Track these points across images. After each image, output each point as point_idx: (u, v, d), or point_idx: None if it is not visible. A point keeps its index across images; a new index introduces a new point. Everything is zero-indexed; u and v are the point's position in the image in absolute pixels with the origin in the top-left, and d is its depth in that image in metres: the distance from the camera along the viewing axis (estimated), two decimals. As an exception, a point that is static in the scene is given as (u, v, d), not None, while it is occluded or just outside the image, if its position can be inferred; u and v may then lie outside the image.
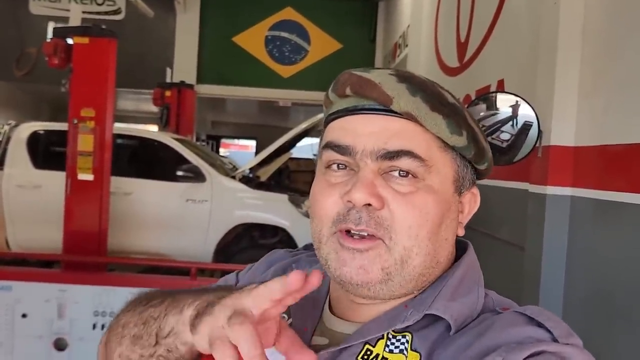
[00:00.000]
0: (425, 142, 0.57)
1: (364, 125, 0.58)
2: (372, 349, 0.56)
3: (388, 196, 0.56)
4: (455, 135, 0.57)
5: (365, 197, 0.55)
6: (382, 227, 0.55)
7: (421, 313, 0.56)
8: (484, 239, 2.98)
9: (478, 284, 0.61)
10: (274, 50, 9.27)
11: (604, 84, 1.97)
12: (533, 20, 2.54)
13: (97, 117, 3.45)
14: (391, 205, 0.56)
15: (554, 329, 0.52)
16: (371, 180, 0.56)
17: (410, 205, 0.55)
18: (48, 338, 2.85)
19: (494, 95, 2.39)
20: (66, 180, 3.48)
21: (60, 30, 3.71)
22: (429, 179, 0.57)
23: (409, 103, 0.56)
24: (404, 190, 0.56)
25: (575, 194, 2.10)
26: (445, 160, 0.59)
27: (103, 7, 9.17)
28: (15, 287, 2.86)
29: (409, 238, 0.55)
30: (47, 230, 4.23)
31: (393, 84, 0.57)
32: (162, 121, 7.58)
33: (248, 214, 4.99)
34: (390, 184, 0.56)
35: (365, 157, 0.57)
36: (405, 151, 0.56)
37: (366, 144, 0.57)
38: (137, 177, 4.97)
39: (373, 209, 0.55)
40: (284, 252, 0.78)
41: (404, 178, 0.56)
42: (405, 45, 6.33)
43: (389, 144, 0.56)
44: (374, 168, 0.57)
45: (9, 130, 5.06)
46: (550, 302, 2.13)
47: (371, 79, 0.57)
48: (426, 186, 0.57)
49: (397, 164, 0.56)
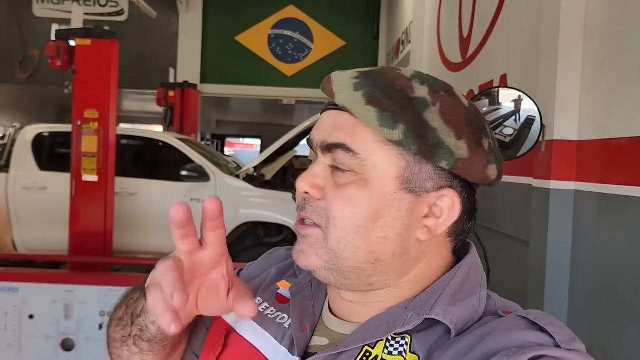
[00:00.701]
0: (362, 136, 0.56)
1: (324, 120, 0.61)
2: (371, 350, 0.56)
3: (327, 188, 0.58)
4: (387, 128, 0.55)
5: (304, 186, 0.59)
6: (319, 215, 0.58)
7: (421, 317, 0.55)
8: (489, 234, 2.97)
9: (480, 286, 0.60)
10: (277, 48, 9.28)
11: (606, 78, 1.96)
12: (535, 15, 2.53)
13: (101, 118, 3.47)
14: (327, 197, 0.58)
15: (556, 334, 0.51)
16: (317, 172, 0.59)
17: (340, 198, 0.57)
18: (55, 338, 2.87)
19: (497, 91, 2.39)
20: (71, 181, 3.50)
21: (62, 32, 3.72)
22: (366, 173, 0.56)
23: (345, 97, 0.57)
24: (340, 183, 0.57)
25: (579, 188, 2.09)
26: (385, 155, 0.56)
27: (106, 9, 9.20)
28: (22, 289, 2.88)
29: (337, 229, 0.57)
30: (53, 232, 4.26)
31: (345, 80, 0.58)
32: (166, 121, 7.60)
33: (253, 212, 5.00)
34: (334, 177, 0.58)
35: (318, 150, 0.60)
36: (339, 144, 0.57)
37: (318, 138, 0.60)
38: (142, 177, 4.99)
39: (313, 199, 0.58)
40: (285, 251, 0.78)
41: (345, 172, 0.57)
42: (409, 42, 6.32)
43: (330, 137, 0.58)
44: (325, 161, 0.59)
45: (14, 132, 5.08)
46: (556, 296, 2.13)
47: (332, 76, 0.60)
48: (361, 180, 0.56)
49: (335, 157, 0.58)
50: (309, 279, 0.67)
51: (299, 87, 9.07)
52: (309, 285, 0.67)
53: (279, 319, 0.65)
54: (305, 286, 0.67)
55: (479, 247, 0.69)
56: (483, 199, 0.63)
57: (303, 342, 0.60)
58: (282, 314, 0.66)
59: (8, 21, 9.03)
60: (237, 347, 0.65)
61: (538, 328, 0.52)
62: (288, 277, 0.71)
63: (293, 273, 0.71)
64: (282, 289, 0.69)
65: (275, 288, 0.70)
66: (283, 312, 0.66)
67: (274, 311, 0.67)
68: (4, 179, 4.79)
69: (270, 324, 0.65)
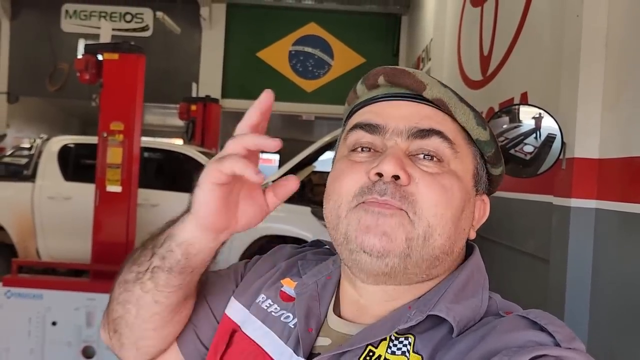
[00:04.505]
0: (452, 130, 0.59)
1: (395, 109, 0.59)
2: (375, 350, 0.56)
3: (415, 174, 0.56)
4: (481, 127, 0.59)
5: (394, 169, 0.54)
6: (407, 200, 0.55)
7: (424, 314, 0.55)
8: (509, 252, 2.95)
9: (483, 287, 0.60)
10: (297, 64, 9.38)
11: (628, 95, 1.96)
12: (556, 33, 2.54)
13: (126, 130, 3.54)
14: (419, 183, 0.56)
15: (556, 333, 0.51)
16: (400, 156, 0.56)
17: (437, 185, 0.56)
18: (77, 345, 2.92)
19: (517, 108, 2.39)
20: (95, 191, 3.57)
21: (91, 46, 3.82)
22: (454, 164, 0.58)
23: (441, 91, 0.58)
24: (431, 171, 0.57)
25: (600, 206, 2.08)
26: (468, 152, 0.60)
27: (131, 24, 9.43)
28: (46, 296, 2.95)
29: (434, 216, 0.55)
30: (76, 241, 4.33)
31: (425, 75, 0.60)
32: (188, 135, 7.70)
33: (271, 226, 5.02)
34: (417, 164, 0.57)
35: (396, 136, 0.58)
36: (436, 130, 0.57)
37: (398, 124, 0.58)
38: (164, 189, 5.06)
39: (400, 183, 0.55)
40: (290, 248, 0.78)
41: (430, 160, 0.57)
42: (429, 59, 6.34)
43: (420, 123, 0.58)
44: (403, 147, 0.57)
45: (41, 144, 5.22)
46: (576, 316, 2.11)
47: (405, 68, 0.60)
48: (451, 171, 0.58)
49: (426, 144, 0.57)
50: (315, 279, 0.67)
51: (318, 103, 9.14)
52: (315, 285, 0.66)
53: (283, 318, 0.65)
54: (311, 286, 0.66)
55: None
56: (503, 216, 0.66)
57: (309, 343, 0.60)
58: (287, 313, 0.65)
59: (38, 37, 9.30)
60: (242, 345, 0.64)
61: (538, 327, 0.53)
62: (292, 275, 0.71)
63: (297, 272, 0.71)
64: (286, 286, 0.68)
65: (279, 285, 0.69)
66: (287, 311, 0.65)
67: (277, 309, 0.66)
68: (30, 189, 4.91)
69: (274, 322, 0.65)
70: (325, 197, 0.61)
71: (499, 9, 3.65)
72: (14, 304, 2.94)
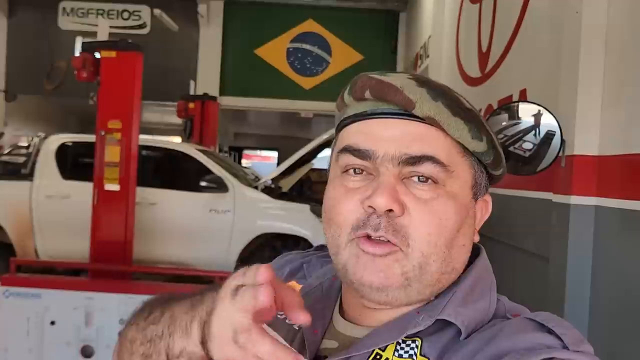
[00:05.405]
0: (446, 147, 0.57)
1: (384, 129, 0.57)
2: (382, 353, 0.55)
3: (409, 203, 0.55)
4: (476, 140, 0.57)
5: (387, 203, 0.54)
6: (400, 234, 0.55)
7: (433, 318, 0.55)
8: (509, 250, 2.95)
9: (490, 289, 0.60)
10: (295, 62, 9.37)
11: (627, 92, 1.95)
12: (555, 29, 2.53)
13: (124, 128, 3.53)
14: (412, 212, 0.55)
15: (564, 335, 0.51)
16: (393, 186, 0.55)
17: (430, 213, 0.55)
18: (75, 345, 2.91)
19: (516, 105, 2.39)
20: (93, 190, 3.56)
21: (88, 44, 3.81)
22: (449, 184, 0.57)
23: (431, 108, 0.55)
24: (425, 197, 0.56)
25: (600, 203, 2.08)
26: (464, 165, 0.58)
27: (129, 22, 9.41)
28: (45, 295, 2.93)
29: (428, 245, 0.55)
30: (75, 240, 4.32)
31: (414, 88, 0.56)
32: (186, 133, 7.70)
33: (270, 224, 5.02)
34: (410, 189, 0.56)
35: (387, 162, 0.56)
36: (428, 156, 0.55)
37: (387, 149, 0.56)
38: (162, 187, 5.06)
39: (393, 215, 0.55)
40: (295, 254, 0.78)
41: (424, 183, 0.56)
42: (427, 56, 6.33)
43: (410, 148, 0.55)
44: (395, 173, 0.56)
45: (39, 142, 5.20)
46: (576, 314, 2.10)
47: (392, 82, 0.56)
48: (447, 192, 0.56)
49: (418, 170, 0.55)
50: (319, 281, 0.67)
51: (316, 100, 9.13)
52: (320, 287, 0.66)
53: (288, 320, 0.63)
54: (316, 288, 0.66)
55: None
56: (502, 214, 0.65)
57: (314, 345, 0.60)
58: None
59: (36, 34, 9.27)
60: None
61: (546, 330, 0.52)
62: (298, 278, 0.71)
63: (302, 275, 0.71)
64: None
65: None
66: None
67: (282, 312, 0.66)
68: (28, 188, 4.90)
69: (279, 325, 0.63)
70: (324, 221, 0.61)
71: (498, 5, 3.64)
72: (12, 304, 2.93)
